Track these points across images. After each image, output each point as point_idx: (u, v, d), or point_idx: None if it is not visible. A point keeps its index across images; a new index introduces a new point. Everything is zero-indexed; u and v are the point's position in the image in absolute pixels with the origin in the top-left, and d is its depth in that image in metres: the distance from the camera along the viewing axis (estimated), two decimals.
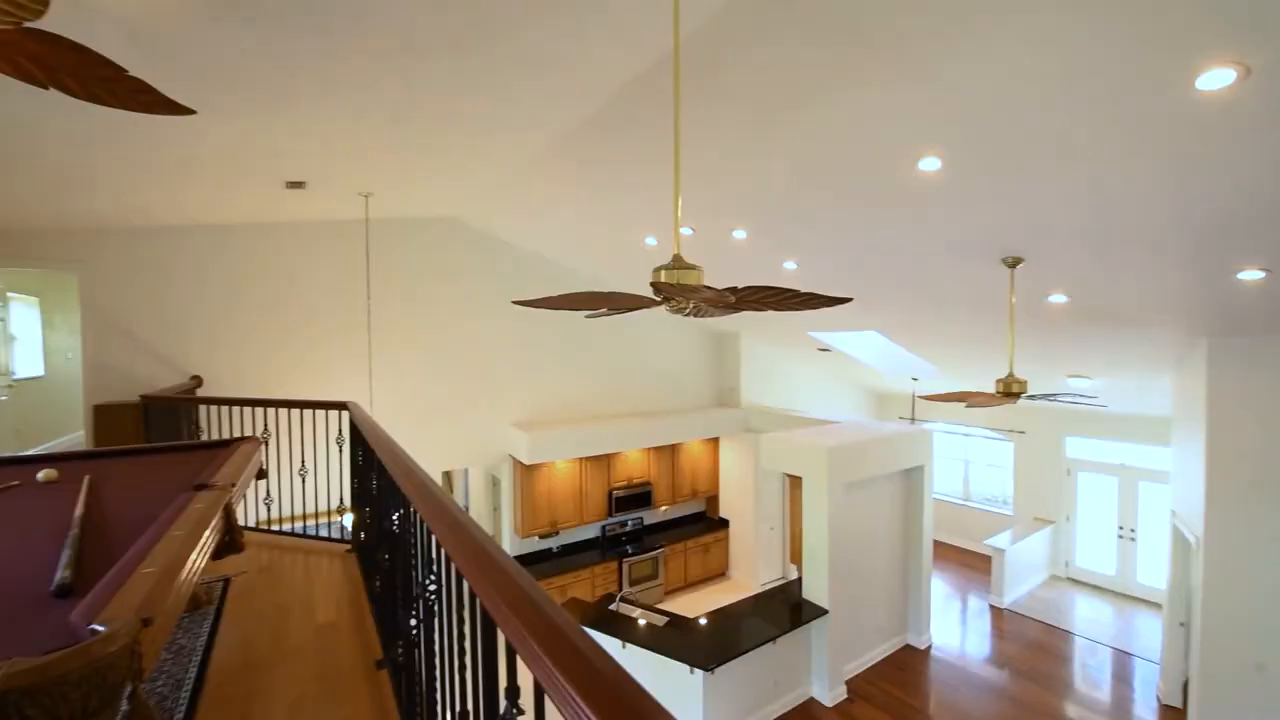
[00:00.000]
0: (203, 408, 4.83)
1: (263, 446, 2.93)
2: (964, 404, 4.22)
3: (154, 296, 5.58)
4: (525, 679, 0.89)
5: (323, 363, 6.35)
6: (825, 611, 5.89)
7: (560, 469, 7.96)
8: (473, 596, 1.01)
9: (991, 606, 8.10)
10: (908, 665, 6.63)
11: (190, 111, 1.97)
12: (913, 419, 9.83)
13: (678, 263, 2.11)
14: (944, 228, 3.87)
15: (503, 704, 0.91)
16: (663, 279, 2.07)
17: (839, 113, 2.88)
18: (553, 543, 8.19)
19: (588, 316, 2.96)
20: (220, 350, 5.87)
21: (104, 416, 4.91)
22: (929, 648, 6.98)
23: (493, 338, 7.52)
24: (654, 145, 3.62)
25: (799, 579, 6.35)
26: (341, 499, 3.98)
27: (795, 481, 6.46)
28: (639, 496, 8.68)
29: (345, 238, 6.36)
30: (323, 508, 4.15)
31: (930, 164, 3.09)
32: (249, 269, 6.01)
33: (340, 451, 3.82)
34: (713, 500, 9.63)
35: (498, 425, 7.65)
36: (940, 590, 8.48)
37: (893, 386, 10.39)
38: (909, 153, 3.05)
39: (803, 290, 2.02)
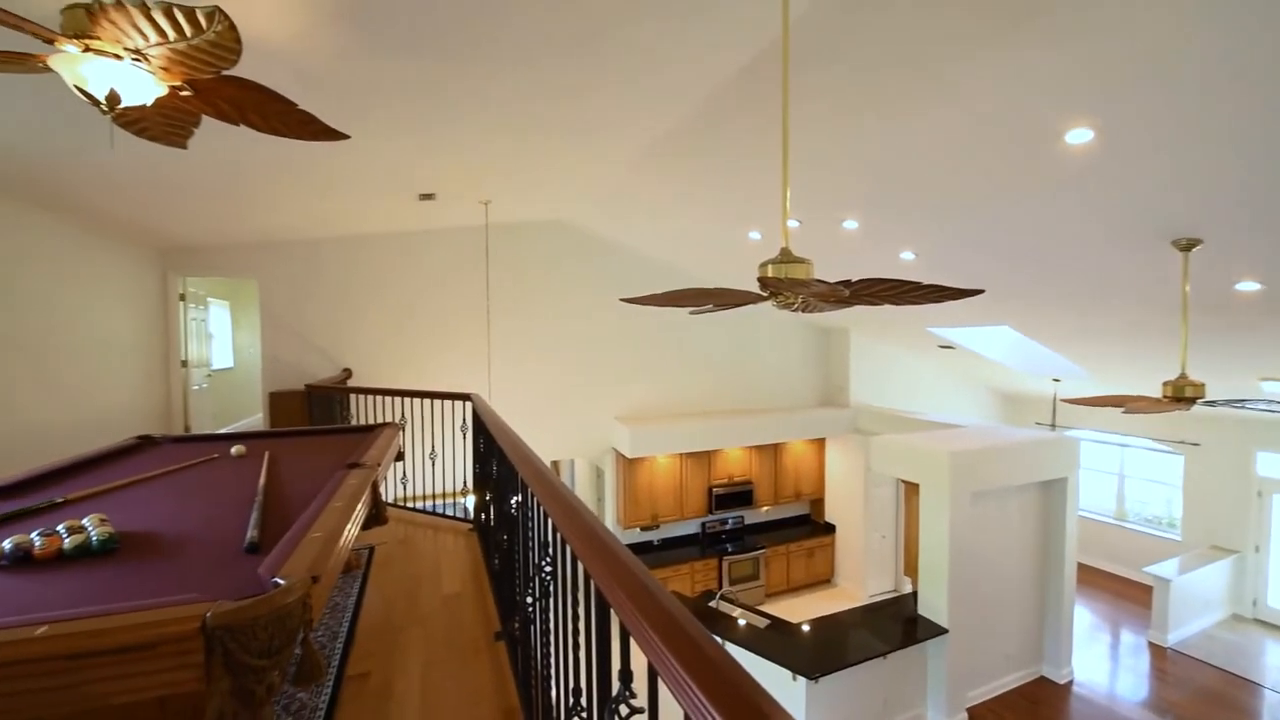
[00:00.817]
0: (352, 396, 5.48)
1: (400, 432, 3.27)
2: (1120, 409, 3.69)
3: (314, 299, 6.43)
4: (636, 664, 0.93)
5: (448, 357, 6.94)
6: (944, 631, 5.45)
7: (661, 463, 8.06)
8: (587, 579, 1.07)
9: (1151, 644, 7.02)
10: (1042, 700, 5.95)
11: (345, 136, 2.25)
12: (1053, 425, 8.75)
13: (785, 256, 2.05)
14: (1097, 209, 3.41)
15: (615, 685, 0.95)
16: (769, 274, 2.03)
17: (967, 82, 2.63)
18: (653, 535, 8.32)
19: (692, 313, 2.97)
20: (365, 346, 6.64)
21: (277, 402, 5.78)
22: (1069, 683, 6.21)
23: (598, 334, 7.78)
24: (759, 137, 3.54)
25: (914, 593, 5.92)
26: (465, 482, 4.34)
27: (911, 488, 6.03)
28: (740, 495, 8.57)
29: (467, 243, 6.90)
30: (448, 489, 4.55)
31: (1080, 136, 2.73)
32: (386, 274, 6.72)
33: (464, 438, 4.16)
34: (817, 503, 9.26)
35: (602, 418, 7.90)
36: (1085, 620, 7.49)
37: (1028, 388, 9.32)
38: (1054, 124, 2.72)
39: (925, 282, 1.88)
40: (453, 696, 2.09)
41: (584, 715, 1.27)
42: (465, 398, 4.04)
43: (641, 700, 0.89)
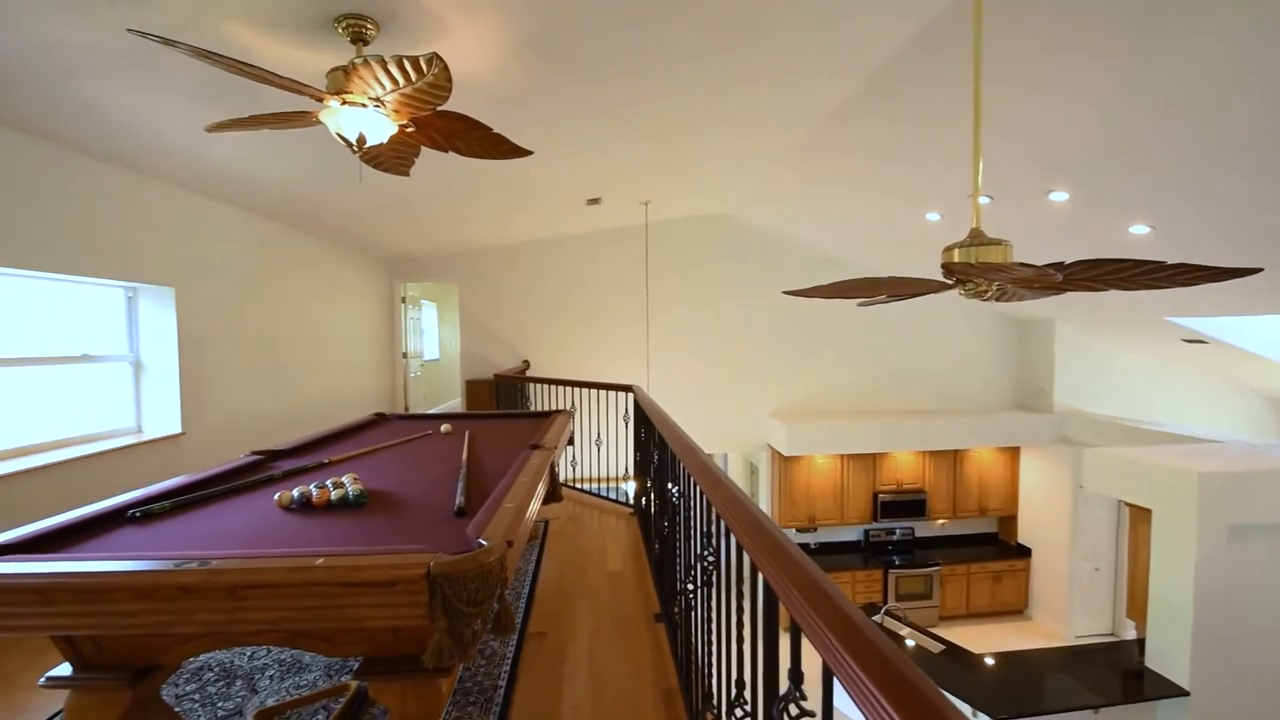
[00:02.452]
0: (530, 385, 6.10)
1: (571, 419, 3.56)
2: None
3: (501, 299, 7.30)
4: (808, 663, 0.91)
5: (610, 350, 7.38)
6: (1184, 692, 4.42)
7: (820, 464, 7.69)
8: (754, 573, 1.07)
9: None
10: None
11: (529, 152, 2.50)
12: None
13: (977, 238, 1.83)
14: None
15: (784, 684, 0.95)
16: (957, 258, 1.82)
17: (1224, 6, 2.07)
18: (810, 538, 7.98)
19: (860, 305, 2.78)
20: (541, 339, 7.36)
21: (472, 389, 6.70)
22: None
23: (755, 327, 7.66)
24: (940, 106, 3.18)
25: (1139, 641, 4.90)
26: (625, 468, 4.58)
27: (1139, 514, 4.98)
28: (910, 504, 7.83)
29: (627, 242, 7.25)
30: (610, 474, 4.85)
31: None
32: (558, 274, 7.36)
33: (626, 427, 4.40)
34: (1008, 521, 8.08)
35: (757, 414, 7.77)
36: None
37: None
38: None
39: (1169, 261, 1.54)
40: (617, 668, 2.24)
41: (747, 709, 1.28)
42: (627, 389, 4.26)
43: (812, 703, 0.88)
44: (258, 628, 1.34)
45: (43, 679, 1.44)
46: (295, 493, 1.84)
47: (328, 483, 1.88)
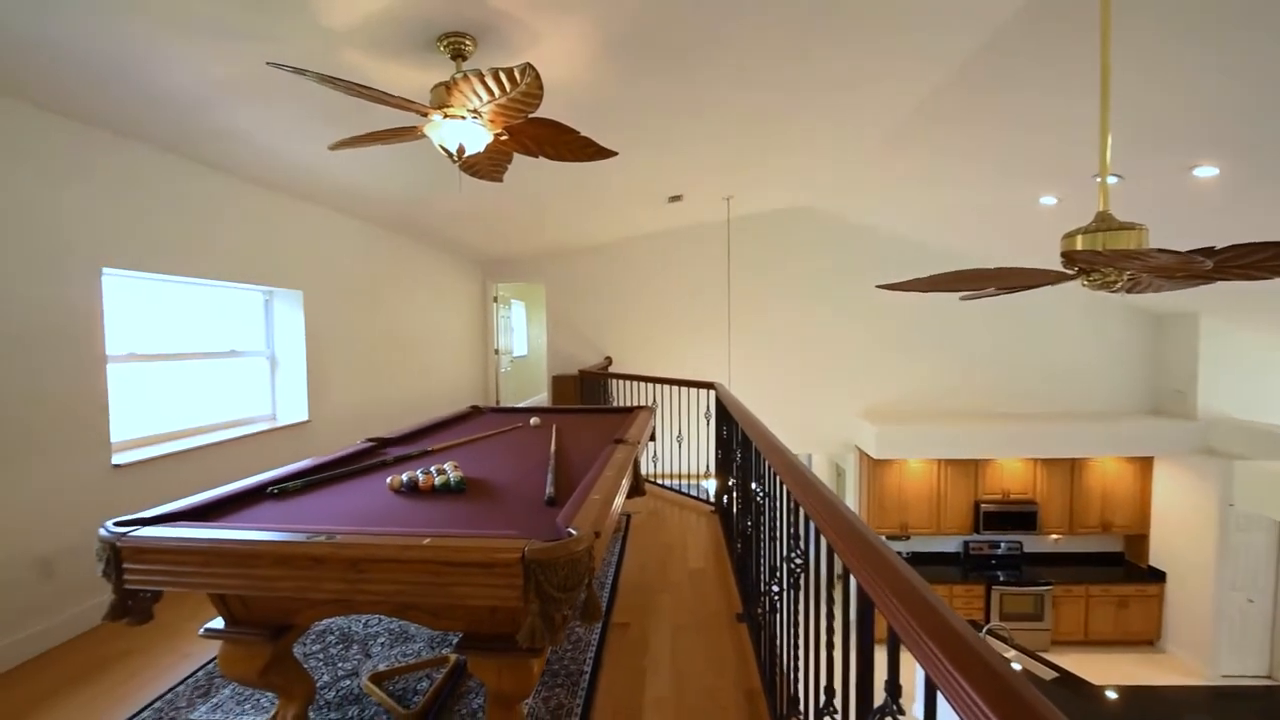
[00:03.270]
0: (612, 381, 6.23)
1: (652, 415, 3.60)
2: None
3: (584, 297, 7.52)
4: (907, 677, 0.87)
5: (691, 347, 7.37)
6: None
7: (914, 468, 7.24)
8: (845, 578, 1.04)
9: None
10: None
11: (614, 153, 2.55)
12: None
13: (1105, 222, 1.65)
14: None
15: (880, 696, 0.91)
16: (1080, 246, 1.65)
17: None
18: (902, 547, 7.55)
19: (962, 299, 2.59)
20: (622, 336, 7.49)
21: (557, 384, 6.98)
22: None
23: (843, 323, 7.35)
24: (1057, 78, 2.88)
25: None
26: (706, 466, 4.57)
27: None
28: (1018, 516, 7.18)
29: (707, 238, 7.20)
30: (690, 470, 4.85)
31: None
32: (639, 272, 7.45)
33: (707, 425, 4.38)
34: (1137, 541, 7.21)
35: (844, 414, 7.45)
36: None
37: None
38: None
39: None
40: (699, 664, 2.24)
41: (837, 718, 1.24)
42: (709, 386, 4.24)
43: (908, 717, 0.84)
44: (374, 598, 1.48)
45: (202, 629, 1.68)
46: (404, 477, 2.01)
47: (432, 469, 2.03)
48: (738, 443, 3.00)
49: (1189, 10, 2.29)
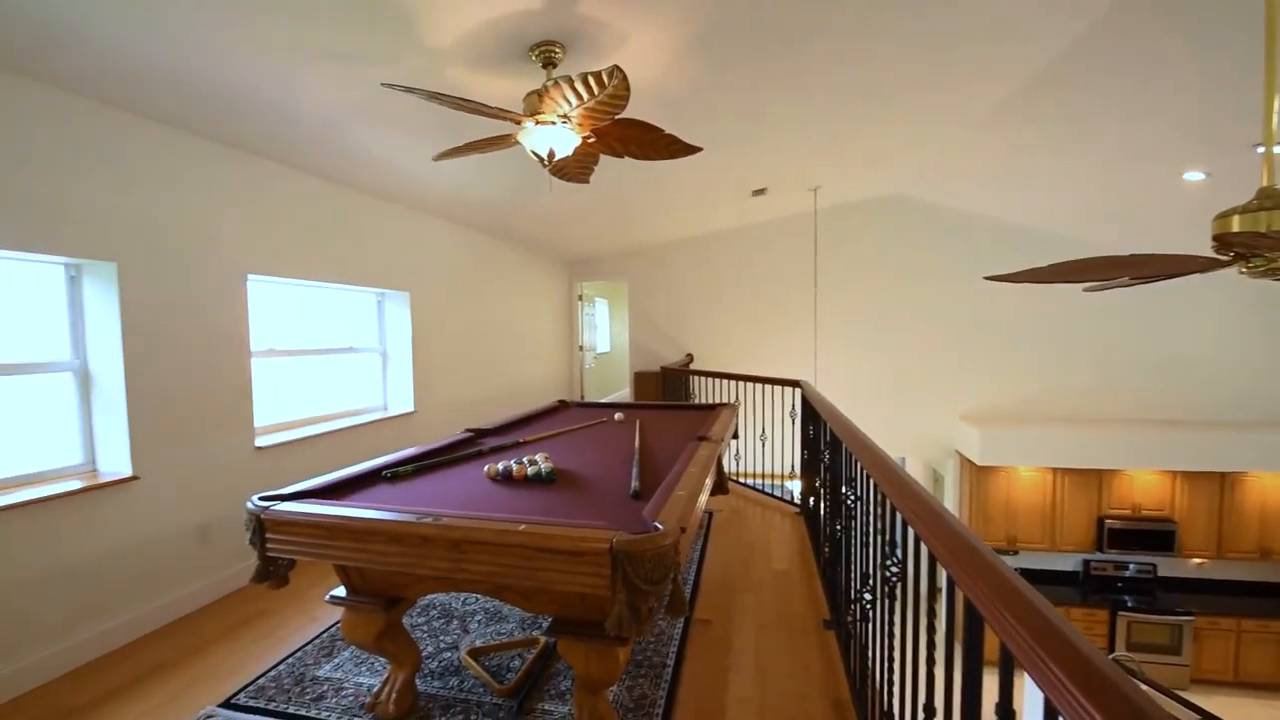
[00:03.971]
0: (694, 378, 6.22)
1: (735, 413, 3.56)
2: None
3: (666, 294, 7.54)
4: (1020, 701, 0.81)
5: (775, 343, 7.18)
6: None
7: (1024, 476, 6.62)
8: (950, 590, 0.97)
9: None
10: None
11: (699, 149, 2.54)
12: None
13: (1271, 198, 1.43)
14: None
15: None
16: (1238, 227, 1.44)
17: None
18: (1011, 562, 6.91)
19: (1086, 290, 2.33)
20: (704, 332, 7.45)
21: (640, 380, 7.05)
22: None
23: (940, 318, 6.85)
24: (1203, 36, 2.50)
25: None
26: (791, 466, 4.44)
27: None
28: (1151, 535, 6.36)
29: (793, 231, 6.97)
30: (775, 470, 4.73)
31: None
32: (722, 267, 7.36)
33: (792, 424, 4.26)
34: None
35: (942, 416, 6.95)
36: None
37: None
38: None
39: None
40: (783, 668, 2.19)
41: None
42: (794, 384, 4.12)
43: None
44: (473, 577, 1.58)
45: (327, 596, 1.88)
46: (500, 466, 2.12)
47: (524, 459, 2.13)
48: (826, 443, 2.89)
49: None
